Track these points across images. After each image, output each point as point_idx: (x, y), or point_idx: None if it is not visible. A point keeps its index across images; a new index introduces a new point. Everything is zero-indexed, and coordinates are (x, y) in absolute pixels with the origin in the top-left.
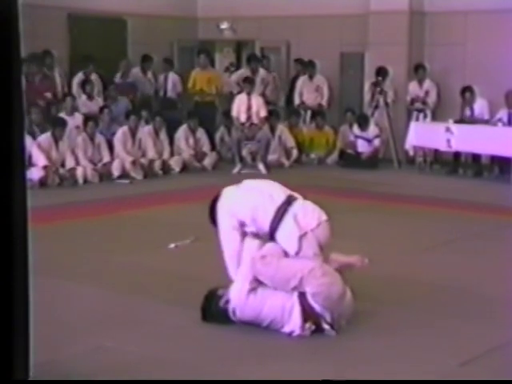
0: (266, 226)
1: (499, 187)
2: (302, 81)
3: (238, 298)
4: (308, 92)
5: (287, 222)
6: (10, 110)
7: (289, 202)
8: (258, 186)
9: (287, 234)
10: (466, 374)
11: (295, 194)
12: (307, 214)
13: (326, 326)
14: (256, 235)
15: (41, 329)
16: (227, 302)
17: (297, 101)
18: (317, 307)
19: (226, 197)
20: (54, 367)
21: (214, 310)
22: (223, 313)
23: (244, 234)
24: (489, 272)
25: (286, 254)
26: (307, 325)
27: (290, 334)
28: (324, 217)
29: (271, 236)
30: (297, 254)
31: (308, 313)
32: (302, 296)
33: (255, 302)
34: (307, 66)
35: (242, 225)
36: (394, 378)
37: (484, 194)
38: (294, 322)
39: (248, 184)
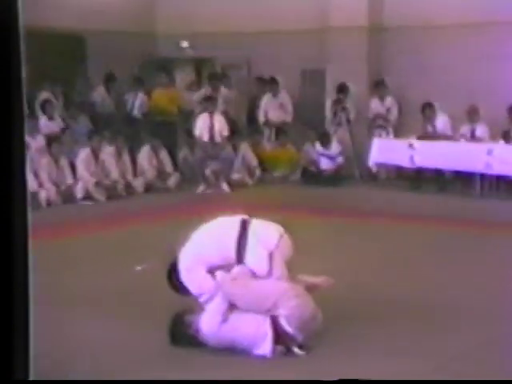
0: (232, 256)
1: (463, 201)
2: (266, 98)
3: (210, 329)
4: (273, 109)
5: (251, 245)
6: (9, 118)
7: (244, 226)
8: (210, 227)
9: (256, 255)
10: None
11: (246, 217)
12: (266, 232)
13: (295, 350)
14: (225, 268)
15: None
16: (197, 330)
17: (261, 118)
18: (290, 330)
19: (182, 260)
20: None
21: (183, 337)
22: (193, 339)
23: (211, 272)
24: (458, 284)
25: (254, 276)
26: (278, 348)
27: (261, 356)
28: (281, 229)
29: (239, 262)
30: (268, 273)
31: (280, 336)
32: (275, 319)
33: (228, 332)
34: (270, 84)
35: (211, 266)
36: None
37: (448, 208)
38: (265, 347)
39: (198, 232)
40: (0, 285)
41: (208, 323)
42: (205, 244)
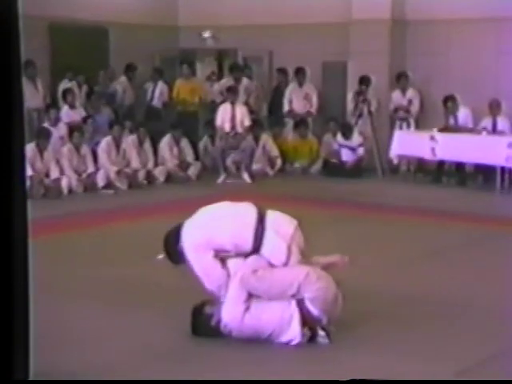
0: (247, 246)
1: (483, 196)
2: (291, 88)
3: (233, 320)
4: (297, 99)
5: (270, 237)
6: (9, 117)
7: (261, 218)
8: (225, 212)
9: (274, 247)
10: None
11: (260, 208)
12: (282, 223)
13: (320, 333)
14: (235, 255)
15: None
16: (219, 321)
17: (286, 108)
18: (315, 311)
19: (190, 233)
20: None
21: (204, 328)
22: (215, 331)
23: (222, 259)
24: (477, 282)
25: (271, 266)
26: (305, 331)
27: (287, 343)
28: (295, 221)
29: (255, 253)
30: (284, 264)
31: (306, 319)
32: (301, 302)
33: (252, 321)
34: (296, 73)
35: (220, 251)
36: None
37: (468, 203)
38: (293, 331)
39: (212, 212)
40: (1, 286)
41: (230, 314)
42: (219, 229)
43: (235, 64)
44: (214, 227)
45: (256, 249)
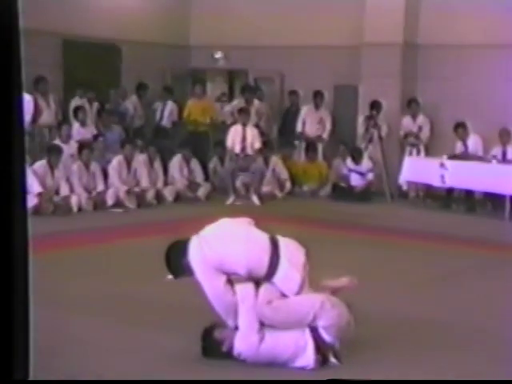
0: (261, 273)
1: (492, 223)
2: (306, 110)
3: (248, 350)
4: (311, 122)
5: (283, 265)
6: (9, 132)
7: (275, 244)
8: (238, 234)
9: (287, 276)
10: None
11: (270, 234)
12: (293, 251)
13: (332, 359)
14: (245, 279)
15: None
16: (231, 347)
17: (299, 129)
18: (328, 338)
19: (201, 252)
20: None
21: (215, 353)
22: (227, 356)
23: (230, 281)
24: (485, 308)
25: (283, 295)
26: (319, 357)
27: (301, 368)
28: (303, 248)
29: (266, 280)
30: (296, 294)
31: (320, 346)
32: (314, 330)
33: (267, 349)
34: (315, 96)
35: (231, 274)
36: None
37: (477, 229)
38: (307, 357)
39: (223, 232)
40: (0, 286)
41: (246, 344)
42: (233, 252)
43: (247, 85)
44: (227, 250)
45: (269, 276)
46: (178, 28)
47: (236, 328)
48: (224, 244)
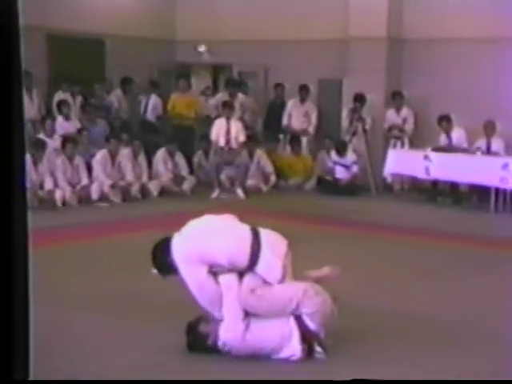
0: (243, 264)
1: (478, 216)
2: (292, 103)
3: (233, 340)
4: (297, 116)
5: (265, 254)
6: (10, 126)
7: (256, 234)
8: (219, 227)
9: (269, 265)
10: None
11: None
12: (274, 241)
13: (317, 349)
14: (228, 271)
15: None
16: (216, 340)
17: (285, 122)
18: (313, 326)
19: (182, 246)
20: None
21: (200, 346)
22: (212, 349)
23: (214, 274)
24: (471, 302)
25: (266, 284)
26: (305, 347)
27: (286, 359)
28: (285, 240)
29: (249, 270)
30: (279, 282)
31: (305, 334)
32: (299, 318)
33: (252, 339)
34: (300, 90)
35: (213, 266)
36: None
37: (463, 223)
38: (293, 347)
39: (204, 226)
40: (0, 286)
41: (230, 333)
42: (214, 243)
43: (231, 79)
44: (208, 241)
45: (251, 265)
46: (164, 23)
47: (222, 319)
48: (206, 236)
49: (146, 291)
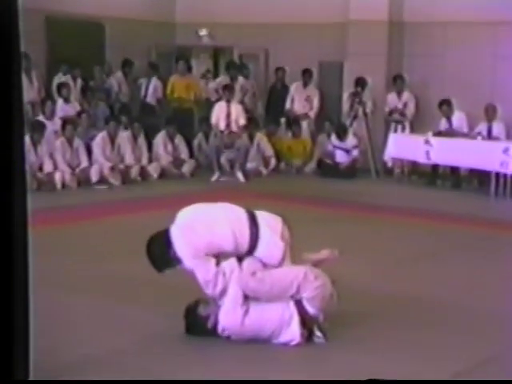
0: (245, 246)
1: (478, 199)
2: (295, 86)
3: (232, 325)
4: (299, 100)
5: (264, 236)
6: (9, 114)
7: (252, 216)
8: (217, 213)
9: (269, 247)
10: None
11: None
12: (270, 221)
13: (317, 333)
14: (228, 255)
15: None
16: (215, 324)
17: (288, 106)
18: (312, 310)
19: (185, 238)
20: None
21: (199, 330)
22: (212, 333)
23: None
24: (471, 284)
25: (265, 267)
26: (304, 331)
27: (286, 344)
28: (279, 217)
29: (249, 253)
30: (280, 262)
31: (304, 318)
32: (298, 303)
33: (252, 324)
34: (303, 74)
35: (220, 254)
36: None
37: (463, 205)
38: (292, 331)
39: (202, 215)
40: (0, 287)
41: (230, 318)
42: (219, 232)
43: (231, 62)
44: (211, 231)
45: (251, 249)
46: (164, 5)
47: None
48: (207, 226)
49: (144, 273)
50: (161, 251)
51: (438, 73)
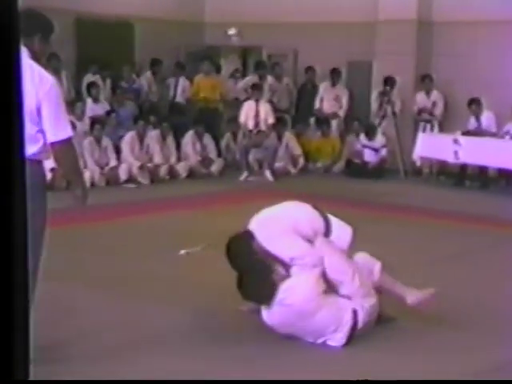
0: (321, 232)
1: (506, 200)
2: (324, 86)
3: (305, 297)
4: (327, 99)
5: (333, 220)
6: (9, 116)
7: (318, 209)
8: (289, 205)
9: (341, 229)
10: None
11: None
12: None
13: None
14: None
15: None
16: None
17: (317, 105)
18: (361, 323)
19: (269, 226)
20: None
21: (262, 287)
22: (267, 299)
23: None
24: (498, 286)
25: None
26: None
27: (331, 347)
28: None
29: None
30: (348, 248)
31: (353, 329)
32: (355, 313)
33: (313, 309)
34: (331, 73)
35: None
36: None
37: (491, 206)
38: (342, 337)
39: (277, 208)
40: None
41: (304, 296)
42: (300, 219)
43: (260, 62)
44: (292, 217)
45: (327, 232)
46: (193, 5)
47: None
48: (286, 213)
49: (170, 272)
50: (245, 244)
51: (466, 72)
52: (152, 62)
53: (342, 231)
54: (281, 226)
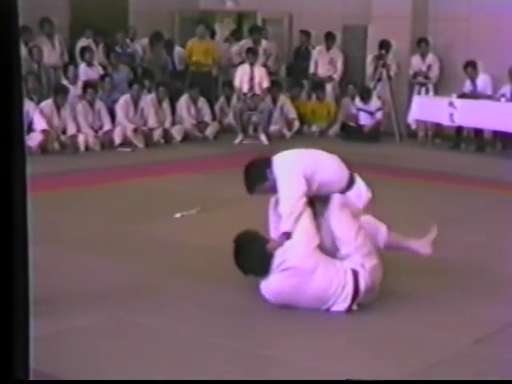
0: (343, 184)
1: (502, 162)
2: (317, 51)
3: (303, 253)
4: (322, 63)
5: (357, 178)
6: (9, 117)
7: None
8: (320, 152)
9: (361, 188)
10: (481, 352)
11: None
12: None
13: (354, 307)
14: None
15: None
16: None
17: (311, 69)
18: (363, 286)
19: (294, 160)
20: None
21: (255, 254)
22: (263, 264)
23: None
24: (496, 248)
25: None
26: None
27: (334, 313)
28: None
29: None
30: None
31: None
32: (355, 276)
33: (312, 259)
34: (326, 37)
35: (321, 186)
36: (408, 356)
37: (487, 169)
38: (344, 303)
39: (307, 150)
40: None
41: (300, 257)
42: (326, 164)
43: (255, 26)
44: (320, 159)
45: (349, 186)
46: None
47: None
48: (315, 155)
49: (165, 235)
50: (260, 168)
51: (463, 35)
52: (154, 34)
53: (361, 191)
54: (306, 164)
